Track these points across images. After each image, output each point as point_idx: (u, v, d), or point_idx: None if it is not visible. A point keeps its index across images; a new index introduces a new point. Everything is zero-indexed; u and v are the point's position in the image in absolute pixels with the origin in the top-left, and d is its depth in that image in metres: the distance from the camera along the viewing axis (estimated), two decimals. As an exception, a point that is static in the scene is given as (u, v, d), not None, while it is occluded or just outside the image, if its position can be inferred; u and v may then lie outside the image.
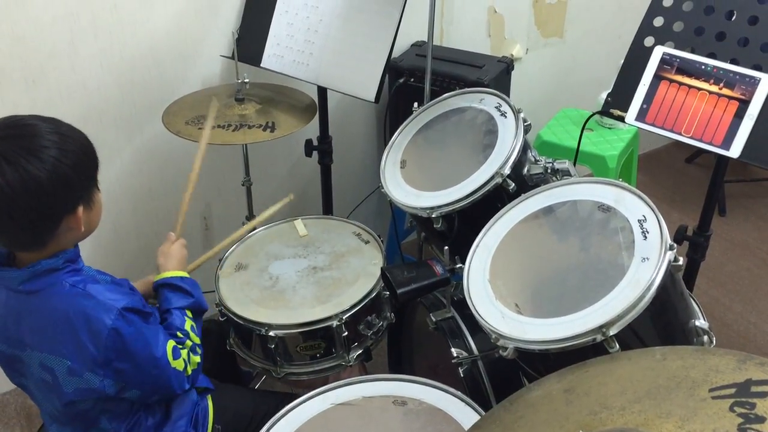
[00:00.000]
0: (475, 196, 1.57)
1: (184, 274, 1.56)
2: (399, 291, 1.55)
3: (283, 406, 1.41)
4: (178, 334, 1.43)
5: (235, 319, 1.74)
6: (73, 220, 1.25)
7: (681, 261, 1.21)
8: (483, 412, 1.35)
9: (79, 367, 1.27)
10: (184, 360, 1.39)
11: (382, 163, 1.81)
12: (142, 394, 1.36)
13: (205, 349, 1.51)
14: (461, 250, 1.50)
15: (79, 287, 1.27)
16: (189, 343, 1.44)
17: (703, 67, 1.59)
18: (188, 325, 1.46)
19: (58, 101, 2.07)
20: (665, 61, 1.64)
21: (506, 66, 2.52)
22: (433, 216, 1.61)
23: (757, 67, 1.54)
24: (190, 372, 1.41)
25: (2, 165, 1.14)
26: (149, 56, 2.19)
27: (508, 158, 1.57)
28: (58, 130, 1.23)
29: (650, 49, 1.67)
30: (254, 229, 2.01)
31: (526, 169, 1.64)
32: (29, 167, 1.15)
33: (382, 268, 1.71)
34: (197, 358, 1.44)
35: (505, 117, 1.68)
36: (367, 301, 1.76)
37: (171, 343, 1.36)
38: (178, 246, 1.62)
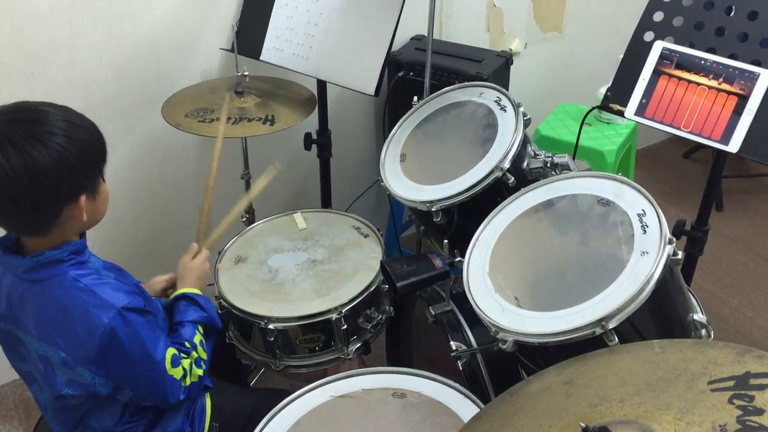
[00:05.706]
0: (475, 190, 1.57)
1: (199, 291, 1.55)
2: (398, 284, 1.55)
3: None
4: (186, 344, 1.42)
5: (235, 311, 1.75)
6: (76, 208, 1.24)
7: (680, 255, 1.22)
8: (482, 405, 1.36)
9: (72, 361, 1.26)
10: (184, 369, 1.38)
11: (382, 156, 1.81)
12: (134, 395, 1.35)
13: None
14: (460, 244, 1.51)
15: (82, 281, 1.26)
16: (195, 354, 1.43)
17: (702, 62, 1.60)
18: (198, 338, 1.45)
19: (56, 93, 2.06)
20: (665, 56, 1.64)
21: (505, 60, 2.53)
22: (432, 210, 1.61)
23: (756, 63, 1.55)
24: (188, 383, 1.39)
25: (6, 148, 1.14)
26: (148, 49, 2.19)
27: (508, 152, 1.57)
28: (68, 118, 1.22)
29: (650, 44, 1.67)
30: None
31: (525, 163, 1.64)
32: (33, 152, 1.15)
33: (381, 262, 1.71)
34: (200, 371, 1.42)
35: (505, 111, 1.68)
36: (366, 294, 1.77)
37: (171, 351, 1.35)
38: (200, 260, 1.61)
